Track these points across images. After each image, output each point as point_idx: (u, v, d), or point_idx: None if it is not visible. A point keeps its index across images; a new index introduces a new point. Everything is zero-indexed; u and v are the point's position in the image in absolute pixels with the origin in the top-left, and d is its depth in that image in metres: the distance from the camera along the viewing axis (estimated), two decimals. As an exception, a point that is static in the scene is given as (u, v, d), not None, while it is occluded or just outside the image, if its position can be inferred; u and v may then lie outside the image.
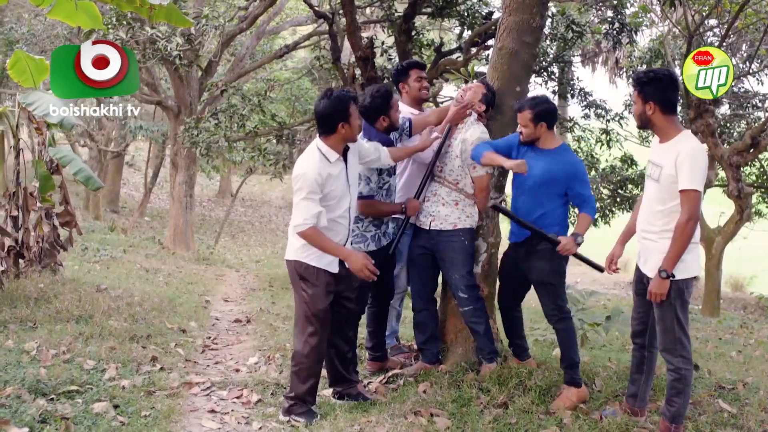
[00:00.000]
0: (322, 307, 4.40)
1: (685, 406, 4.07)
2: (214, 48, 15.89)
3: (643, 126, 4.05)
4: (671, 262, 3.86)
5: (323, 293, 4.40)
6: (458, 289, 5.06)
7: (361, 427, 4.17)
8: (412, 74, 5.44)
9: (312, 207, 4.22)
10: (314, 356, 4.45)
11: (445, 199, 5.05)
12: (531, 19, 5.17)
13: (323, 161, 4.32)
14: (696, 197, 3.80)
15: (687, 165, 3.80)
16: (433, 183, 5.10)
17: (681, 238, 3.83)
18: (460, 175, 5.03)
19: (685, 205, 3.81)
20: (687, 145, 3.88)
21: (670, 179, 3.88)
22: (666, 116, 3.98)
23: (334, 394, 4.79)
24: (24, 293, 7.09)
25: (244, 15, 15.40)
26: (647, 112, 3.98)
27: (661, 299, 3.93)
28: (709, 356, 6.99)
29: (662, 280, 3.87)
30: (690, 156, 3.82)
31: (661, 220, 3.96)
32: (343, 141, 4.39)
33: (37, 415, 4.12)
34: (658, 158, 3.99)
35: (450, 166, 5.04)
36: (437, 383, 4.89)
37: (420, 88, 5.46)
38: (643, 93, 3.97)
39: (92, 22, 7.69)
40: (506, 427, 4.25)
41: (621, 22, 12.84)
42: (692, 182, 3.79)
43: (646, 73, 4.03)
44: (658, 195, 3.98)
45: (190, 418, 4.45)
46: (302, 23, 17.81)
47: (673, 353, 4.01)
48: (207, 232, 23.93)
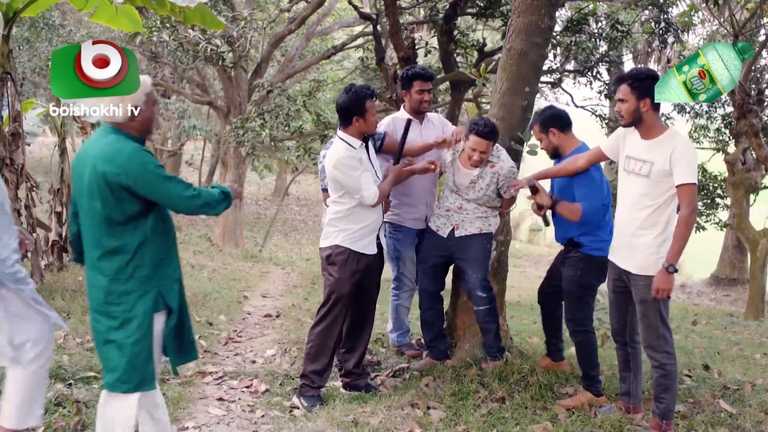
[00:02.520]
0: (345, 291, 4.64)
1: (674, 401, 4.10)
2: (263, 49, 16.21)
3: (632, 123, 4.07)
4: (676, 255, 3.90)
5: (349, 277, 4.63)
6: (477, 288, 5.14)
7: (355, 417, 4.30)
8: (415, 85, 5.42)
9: (367, 177, 4.55)
10: (325, 337, 4.69)
11: (470, 214, 5.14)
12: (539, 21, 5.22)
13: (348, 148, 4.58)
14: (695, 191, 3.89)
15: (685, 160, 3.86)
16: (457, 197, 5.17)
17: (686, 231, 3.89)
18: (488, 199, 5.12)
19: (686, 198, 3.86)
20: (682, 141, 3.95)
21: (662, 174, 3.92)
22: (655, 114, 4.04)
23: (344, 384, 4.98)
24: (63, 285, 7.42)
25: (292, 16, 15.68)
26: (641, 108, 4.01)
27: (667, 295, 3.95)
28: (731, 358, 6.91)
29: (669, 274, 3.89)
30: (687, 151, 3.90)
31: (650, 215, 4.00)
32: (359, 133, 4.63)
33: (54, 398, 4.37)
34: (646, 154, 4.02)
35: (475, 195, 5.10)
36: (440, 377, 5.00)
37: (420, 100, 5.43)
38: (639, 90, 4.00)
39: (133, 26, 8.02)
40: (499, 420, 4.33)
41: (667, 21, 12.71)
42: (690, 176, 3.86)
43: (639, 71, 4.09)
44: (647, 191, 4.00)
45: (198, 405, 4.64)
46: (351, 24, 17.98)
47: (657, 349, 4.05)
48: (260, 230, 24.29)
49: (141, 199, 3.33)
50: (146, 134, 3.53)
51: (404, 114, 5.47)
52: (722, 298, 18.66)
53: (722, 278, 19.92)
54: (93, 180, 3.30)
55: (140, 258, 3.37)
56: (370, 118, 4.61)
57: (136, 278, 3.37)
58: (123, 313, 3.36)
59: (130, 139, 3.39)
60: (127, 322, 3.36)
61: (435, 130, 5.53)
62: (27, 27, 16.99)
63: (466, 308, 5.43)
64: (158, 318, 3.45)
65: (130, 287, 3.37)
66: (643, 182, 4.02)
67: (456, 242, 5.18)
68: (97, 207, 3.32)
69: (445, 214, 5.21)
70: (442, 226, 5.23)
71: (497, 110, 5.36)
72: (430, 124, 5.58)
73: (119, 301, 3.36)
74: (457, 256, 5.21)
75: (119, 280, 3.35)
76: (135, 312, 3.37)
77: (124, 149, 3.30)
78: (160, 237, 3.46)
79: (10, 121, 7.19)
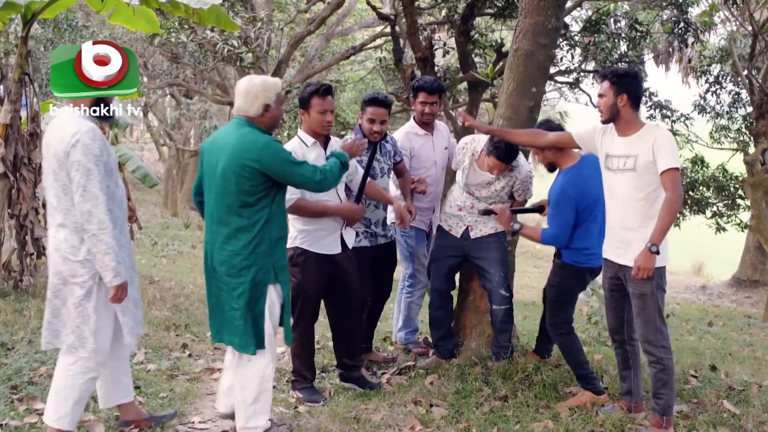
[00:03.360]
0: (312, 291, 4.71)
1: (672, 396, 4.12)
2: (283, 50, 16.28)
3: (610, 119, 4.13)
4: (659, 236, 3.92)
5: (315, 278, 4.67)
6: (501, 287, 5.16)
7: (357, 413, 4.36)
8: (419, 96, 5.49)
9: None
10: (303, 336, 4.78)
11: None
12: (546, 21, 5.25)
13: (301, 145, 4.66)
14: (678, 175, 3.95)
15: (666, 147, 3.94)
16: (468, 195, 5.23)
17: (671, 213, 3.92)
18: (501, 199, 5.18)
19: (671, 182, 3.91)
20: (662, 131, 4.06)
21: (647, 165, 3.98)
22: (633, 110, 4.12)
23: (339, 375, 5.08)
24: (79, 283, 7.52)
25: (312, 17, 15.74)
26: (618, 104, 4.08)
27: (648, 274, 3.96)
28: (742, 360, 6.89)
29: (651, 254, 3.92)
30: (668, 140, 3.99)
31: (642, 208, 4.03)
32: (309, 129, 4.66)
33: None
34: (628, 150, 4.08)
35: (487, 195, 5.16)
36: (445, 375, 5.05)
37: (422, 112, 5.50)
38: (618, 85, 4.08)
39: (150, 27, 8.13)
40: (500, 418, 4.37)
41: (686, 21, 12.65)
42: (673, 161, 3.93)
43: (618, 68, 4.18)
44: (635, 184, 4.04)
45: (205, 401, 4.72)
46: (371, 25, 18.00)
47: (654, 344, 4.07)
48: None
49: (270, 183, 3.86)
50: (273, 129, 4.10)
51: (416, 128, 5.57)
52: (743, 299, 18.50)
53: (743, 280, 19.76)
54: (229, 167, 3.82)
55: (262, 235, 3.89)
56: (315, 115, 4.57)
57: (256, 254, 3.89)
58: (242, 285, 3.88)
59: (260, 131, 3.93)
60: (245, 292, 3.88)
61: (444, 140, 5.70)
62: (52, 28, 17.21)
63: (474, 307, 5.47)
64: (272, 290, 3.96)
65: (250, 261, 3.88)
66: (630, 176, 4.07)
67: (472, 243, 5.23)
68: (231, 189, 3.84)
69: (458, 213, 5.25)
70: (454, 225, 5.27)
71: (504, 110, 5.39)
72: (439, 133, 5.69)
73: (240, 274, 3.88)
74: (475, 255, 5.24)
75: (242, 255, 3.87)
76: (253, 283, 3.89)
77: (258, 141, 3.84)
78: (280, 217, 4.01)
79: (28, 122, 7.32)
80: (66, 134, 3.60)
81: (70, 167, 3.58)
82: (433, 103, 5.48)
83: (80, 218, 3.60)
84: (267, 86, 3.96)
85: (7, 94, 7.12)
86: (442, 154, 5.66)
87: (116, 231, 3.68)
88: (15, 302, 6.50)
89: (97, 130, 3.70)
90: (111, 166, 3.73)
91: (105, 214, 3.59)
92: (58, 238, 3.71)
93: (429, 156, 5.59)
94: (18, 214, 7.15)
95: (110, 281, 3.64)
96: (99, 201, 3.57)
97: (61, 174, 3.64)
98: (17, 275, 7.19)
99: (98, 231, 3.57)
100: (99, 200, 3.57)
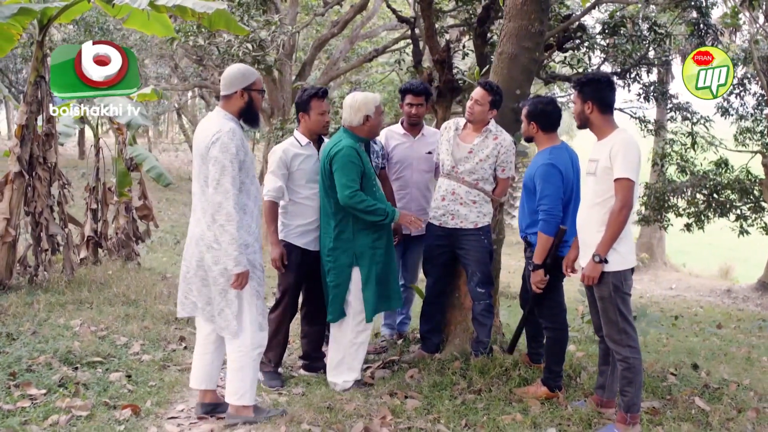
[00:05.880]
0: (291, 282, 5.06)
1: (638, 394, 4.20)
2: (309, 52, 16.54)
3: (582, 125, 4.23)
4: (604, 247, 4.04)
5: (294, 270, 5.01)
6: (478, 284, 5.30)
7: (332, 403, 4.52)
8: (406, 98, 5.68)
9: (273, 180, 4.94)
10: (277, 323, 5.07)
11: (463, 199, 5.27)
12: (530, 25, 5.38)
13: (294, 144, 5.01)
14: (629, 186, 3.99)
15: (621, 155, 4.00)
16: (449, 182, 5.33)
17: (615, 225, 4.01)
18: (483, 176, 5.25)
19: (620, 193, 4.00)
20: (620, 137, 4.09)
21: (605, 171, 4.07)
22: (603, 115, 4.19)
23: (302, 366, 5.38)
24: (92, 278, 7.81)
25: (336, 20, 15.97)
26: (586, 111, 4.19)
27: (593, 282, 4.11)
28: (736, 360, 6.92)
29: (595, 264, 4.06)
30: (624, 146, 4.03)
31: (599, 212, 4.12)
32: (307, 130, 5.02)
33: (58, 380, 4.70)
34: (596, 154, 4.19)
35: (471, 167, 5.23)
36: (425, 369, 5.18)
37: (408, 113, 5.69)
38: (583, 93, 4.19)
39: (165, 31, 8.38)
40: (470, 410, 4.49)
41: (706, 23, 12.60)
42: (626, 171, 3.98)
43: (585, 76, 4.26)
44: (594, 188, 4.15)
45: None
46: (394, 27, 18.22)
47: (619, 343, 4.16)
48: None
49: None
50: (372, 136, 4.96)
51: (398, 128, 5.79)
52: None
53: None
54: (323, 166, 4.69)
55: (343, 224, 4.72)
56: (315, 116, 4.97)
57: (340, 239, 4.74)
58: (330, 263, 4.78)
59: (354, 138, 4.72)
60: (331, 270, 4.78)
61: (428, 145, 5.77)
62: (84, 30, 17.60)
63: (459, 305, 5.61)
64: (355, 271, 4.76)
65: (336, 244, 4.74)
66: (592, 181, 4.19)
67: (456, 234, 5.33)
68: (326, 183, 4.70)
69: (442, 204, 5.36)
70: (440, 216, 5.38)
71: (489, 112, 5.50)
72: (424, 138, 5.80)
73: (329, 254, 4.77)
74: (457, 246, 5.37)
75: (331, 238, 4.74)
76: (337, 264, 4.76)
77: (341, 143, 4.63)
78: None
79: (44, 123, 7.60)
80: (209, 133, 4.01)
81: (208, 162, 3.97)
82: (419, 104, 5.64)
83: (211, 209, 3.98)
84: (368, 100, 4.74)
85: (24, 96, 7.40)
86: (423, 159, 5.75)
87: (250, 219, 4.12)
88: (26, 295, 6.76)
89: (238, 131, 4.05)
90: (247, 164, 4.09)
91: (233, 207, 3.96)
92: (201, 227, 4.10)
93: (404, 157, 5.73)
94: (33, 211, 7.43)
95: (232, 269, 4.01)
96: (229, 195, 3.95)
97: (203, 168, 4.03)
98: (32, 270, 7.48)
99: (225, 222, 3.95)
100: (229, 194, 3.95)
